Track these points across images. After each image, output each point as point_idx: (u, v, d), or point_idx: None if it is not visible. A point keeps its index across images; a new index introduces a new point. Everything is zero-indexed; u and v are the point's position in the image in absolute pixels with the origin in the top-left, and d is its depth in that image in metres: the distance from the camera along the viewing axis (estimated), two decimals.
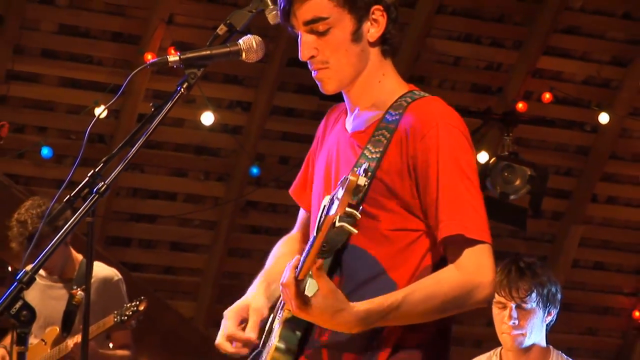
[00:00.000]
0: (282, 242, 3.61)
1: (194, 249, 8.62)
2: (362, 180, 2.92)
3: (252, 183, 8.44)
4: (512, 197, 8.35)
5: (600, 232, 9.32)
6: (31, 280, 3.33)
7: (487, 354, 5.45)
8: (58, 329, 6.22)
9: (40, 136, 8.20)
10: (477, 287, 3.18)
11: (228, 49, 3.39)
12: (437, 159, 3.16)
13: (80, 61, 8.12)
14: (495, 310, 5.19)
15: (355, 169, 2.98)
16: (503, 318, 5.18)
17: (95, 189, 3.29)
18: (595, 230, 9.28)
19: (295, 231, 3.61)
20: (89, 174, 3.30)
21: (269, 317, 3.45)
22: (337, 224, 2.96)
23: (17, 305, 3.33)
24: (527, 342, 5.26)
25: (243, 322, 3.39)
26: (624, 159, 9.20)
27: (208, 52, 3.40)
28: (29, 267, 3.27)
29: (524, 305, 5.16)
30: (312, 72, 3.33)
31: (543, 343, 5.29)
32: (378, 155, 3.20)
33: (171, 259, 8.65)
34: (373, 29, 3.30)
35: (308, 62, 3.32)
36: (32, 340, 6.42)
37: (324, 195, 3.33)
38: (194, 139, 8.35)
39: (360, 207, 3.02)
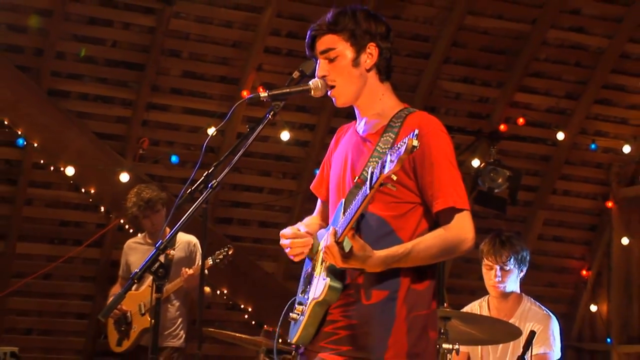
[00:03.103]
0: (308, 217, 3.64)
1: (276, 226, 8.62)
2: (416, 142, 2.89)
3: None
4: (496, 190, 8.44)
5: (558, 215, 9.31)
6: (165, 248, 3.37)
7: (479, 300, 5.57)
8: None
9: (169, 148, 8.22)
10: (463, 241, 3.24)
11: (301, 88, 3.37)
12: (431, 153, 3.24)
13: (197, 96, 8.16)
14: (484, 270, 5.44)
15: (409, 137, 2.88)
16: (490, 276, 5.43)
17: (209, 185, 3.33)
18: (554, 214, 9.28)
19: (315, 214, 3.64)
20: (204, 175, 3.38)
21: (307, 263, 3.46)
22: (383, 183, 2.98)
23: (156, 265, 3.39)
24: (507, 291, 5.37)
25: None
26: (575, 164, 9.24)
27: (287, 90, 3.38)
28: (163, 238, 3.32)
29: (504, 267, 5.39)
30: (328, 92, 3.38)
31: (518, 291, 5.53)
32: (387, 151, 3.13)
33: (260, 233, 8.68)
34: (368, 59, 3.36)
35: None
36: (141, 287, 6.66)
37: (340, 186, 3.39)
38: (275, 149, 8.41)
39: (393, 179, 3.05)
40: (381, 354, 3.19)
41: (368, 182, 3.01)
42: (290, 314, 3.44)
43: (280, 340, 8.21)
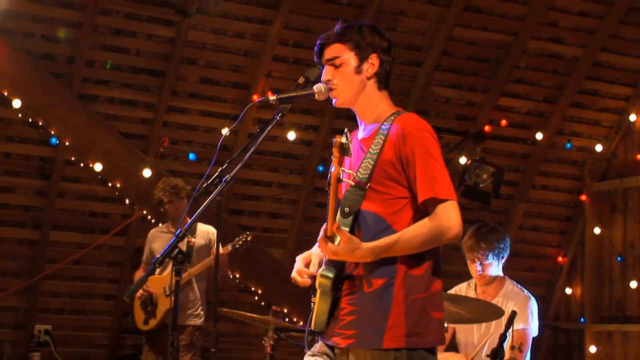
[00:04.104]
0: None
1: (283, 217, 8.69)
2: (343, 139, 3.06)
3: (318, 176, 8.48)
4: (481, 185, 8.40)
5: (537, 207, 9.29)
6: (184, 236, 3.39)
7: (466, 283, 5.57)
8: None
9: (187, 146, 8.22)
10: (447, 229, 3.20)
11: (306, 92, 3.39)
12: (414, 149, 3.23)
13: (212, 100, 8.16)
14: (468, 262, 5.47)
15: (339, 135, 3.08)
16: (473, 268, 5.46)
17: (223, 180, 3.37)
18: (533, 206, 9.25)
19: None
20: (219, 170, 3.41)
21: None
22: (341, 179, 3.14)
23: (175, 251, 3.41)
24: (490, 275, 5.38)
25: (308, 264, 3.41)
26: (552, 162, 9.22)
27: (293, 94, 3.42)
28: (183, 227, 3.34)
29: (484, 261, 5.36)
30: (329, 95, 3.40)
31: (501, 274, 5.47)
32: (377, 152, 3.26)
33: (269, 223, 8.69)
34: (369, 68, 3.37)
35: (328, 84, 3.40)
36: (164, 272, 6.70)
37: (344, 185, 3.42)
38: (282, 148, 8.40)
39: (368, 185, 3.21)
40: (381, 336, 3.20)
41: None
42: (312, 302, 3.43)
43: (287, 320, 8.28)
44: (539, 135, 8.84)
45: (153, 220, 7.97)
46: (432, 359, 3.28)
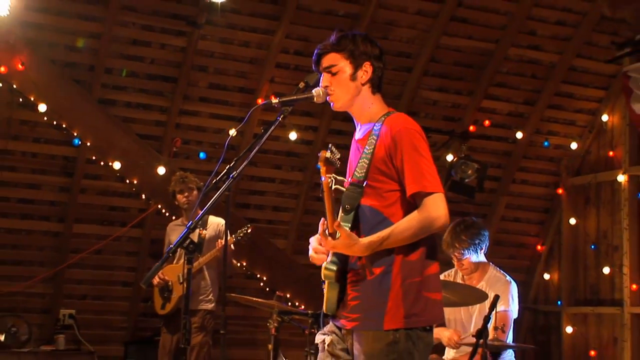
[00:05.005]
0: None
1: (285, 210, 8.68)
2: (328, 154, 3.08)
3: (318, 172, 8.43)
4: (466, 180, 8.39)
5: (517, 200, 9.26)
6: (195, 228, 3.43)
7: (454, 269, 5.62)
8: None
9: (198, 146, 8.22)
10: (434, 220, 3.21)
11: (306, 96, 3.40)
12: (402, 147, 3.25)
13: (221, 103, 8.15)
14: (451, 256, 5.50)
15: (325, 149, 3.10)
16: (454, 262, 5.52)
17: (230, 176, 3.38)
18: (514, 199, 9.23)
19: None
20: (227, 168, 3.41)
21: None
22: (332, 185, 3.14)
23: (187, 242, 3.43)
24: (473, 262, 5.37)
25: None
26: (531, 158, 9.19)
27: (294, 97, 3.43)
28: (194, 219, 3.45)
29: (461, 257, 5.45)
30: (327, 99, 3.41)
31: (484, 261, 5.46)
32: (371, 152, 3.28)
33: (273, 215, 8.68)
34: (363, 75, 3.39)
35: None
36: (180, 261, 6.69)
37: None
38: (285, 147, 8.39)
39: (365, 183, 3.23)
40: (381, 318, 3.22)
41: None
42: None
43: (289, 304, 8.28)
44: (519, 135, 8.84)
45: (167, 214, 7.95)
46: (428, 336, 3.31)
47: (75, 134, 7.65)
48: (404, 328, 3.23)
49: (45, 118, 7.53)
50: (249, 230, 6.58)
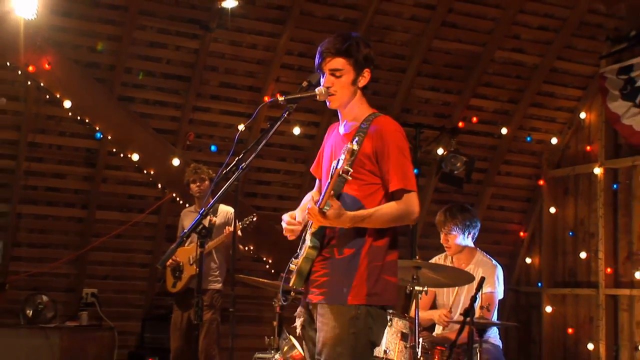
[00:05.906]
0: (310, 192, 3.69)
1: (289, 199, 8.67)
2: (355, 146, 3.10)
3: None
4: (455, 172, 8.35)
5: (502, 190, 9.21)
6: (206, 214, 3.39)
7: (444, 254, 5.68)
8: None
9: (210, 140, 8.20)
10: (409, 214, 3.35)
11: (309, 94, 3.41)
12: (388, 147, 3.34)
13: (230, 101, 8.14)
14: (440, 235, 5.48)
15: (350, 142, 3.10)
16: (442, 238, 5.54)
17: (240, 167, 3.37)
18: (499, 190, 9.17)
19: (314, 190, 3.64)
20: (236, 160, 3.41)
21: (301, 234, 3.49)
22: (341, 174, 3.12)
23: (199, 227, 3.44)
24: (457, 243, 5.36)
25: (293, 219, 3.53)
26: (515, 152, 9.16)
27: (298, 95, 3.43)
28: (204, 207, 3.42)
29: (450, 233, 5.51)
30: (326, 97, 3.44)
31: (472, 246, 5.44)
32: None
33: (278, 204, 8.65)
34: (363, 80, 3.44)
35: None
36: (190, 245, 6.59)
37: (328, 169, 3.44)
38: (289, 141, 8.38)
39: (350, 171, 3.20)
40: (346, 294, 3.30)
41: (328, 178, 3.24)
42: (290, 265, 3.47)
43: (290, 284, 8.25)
44: (504, 130, 8.81)
45: (181, 202, 7.87)
46: (384, 314, 3.41)
47: (97, 128, 7.62)
48: (366, 304, 3.30)
49: (70, 113, 7.48)
50: (254, 219, 6.58)
